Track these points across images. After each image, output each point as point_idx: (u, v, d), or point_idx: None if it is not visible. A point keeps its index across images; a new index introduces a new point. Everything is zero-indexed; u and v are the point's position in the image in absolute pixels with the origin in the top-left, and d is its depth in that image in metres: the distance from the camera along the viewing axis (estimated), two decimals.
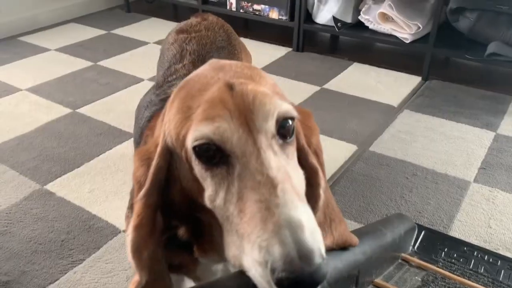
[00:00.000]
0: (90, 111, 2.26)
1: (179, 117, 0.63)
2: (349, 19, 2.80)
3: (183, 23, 1.44)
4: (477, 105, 2.30)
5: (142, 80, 2.58)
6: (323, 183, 0.71)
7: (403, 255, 1.23)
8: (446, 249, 1.35)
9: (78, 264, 1.38)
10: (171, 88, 1.11)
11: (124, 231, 1.50)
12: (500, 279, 1.28)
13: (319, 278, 0.51)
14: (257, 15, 3.03)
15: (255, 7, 3.01)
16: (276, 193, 0.55)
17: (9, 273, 1.35)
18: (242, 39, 1.47)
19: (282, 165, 0.59)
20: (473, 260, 1.34)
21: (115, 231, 1.50)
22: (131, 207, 0.85)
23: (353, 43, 3.18)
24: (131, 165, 1.80)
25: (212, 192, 0.60)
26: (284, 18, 2.92)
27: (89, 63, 2.79)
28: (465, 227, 1.52)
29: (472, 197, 1.65)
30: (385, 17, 2.64)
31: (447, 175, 1.77)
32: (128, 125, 2.11)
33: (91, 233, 1.50)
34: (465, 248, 1.38)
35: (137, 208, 0.65)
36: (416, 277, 1.16)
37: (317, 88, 2.49)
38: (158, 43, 3.06)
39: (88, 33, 3.28)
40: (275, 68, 2.72)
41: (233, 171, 0.58)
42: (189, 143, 0.60)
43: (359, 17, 2.75)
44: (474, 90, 2.46)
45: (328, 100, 2.37)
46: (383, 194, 1.67)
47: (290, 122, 0.63)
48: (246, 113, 0.59)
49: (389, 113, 2.24)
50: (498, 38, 2.41)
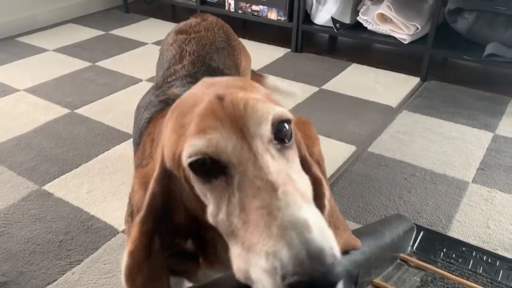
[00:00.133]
0: (88, 111, 2.25)
1: (173, 138, 0.62)
2: (347, 20, 2.80)
3: (182, 24, 1.43)
4: (475, 106, 2.31)
5: (140, 80, 2.57)
6: (327, 193, 0.70)
7: (402, 255, 1.23)
8: (444, 250, 1.35)
9: (77, 265, 1.37)
10: (170, 89, 1.10)
11: (123, 231, 1.49)
12: (499, 279, 1.28)
13: (333, 279, 0.48)
14: (255, 15, 3.03)
15: (254, 7, 3.01)
16: (277, 196, 0.53)
17: (6, 274, 1.34)
18: (240, 40, 1.47)
19: (282, 168, 0.57)
20: (471, 261, 1.34)
21: (113, 232, 1.50)
22: (131, 215, 0.84)
23: (351, 44, 3.18)
24: (129, 166, 1.81)
25: (214, 207, 0.58)
26: (282, 18, 2.92)
27: (87, 64, 2.78)
28: (464, 228, 1.52)
29: (470, 197, 1.65)
30: (383, 18, 2.64)
31: (446, 176, 1.77)
32: (126, 125, 2.11)
33: (90, 233, 1.49)
34: (463, 249, 1.38)
35: (132, 233, 0.64)
36: (415, 277, 1.16)
37: (315, 89, 2.49)
38: (157, 43, 3.06)
39: (87, 33, 3.27)
40: (273, 69, 2.72)
41: (232, 181, 0.56)
42: (185, 160, 0.58)
43: (358, 18, 2.76)
44: (472, 91, 2.46)
45: (327, 101, 2.37)
46: (381, 195, 1.67)
47: (286, 126, 0.61)
48: (238, 121, 0.58)
49: (387, 113, 2.24)
50: (496, 39, 2.42)
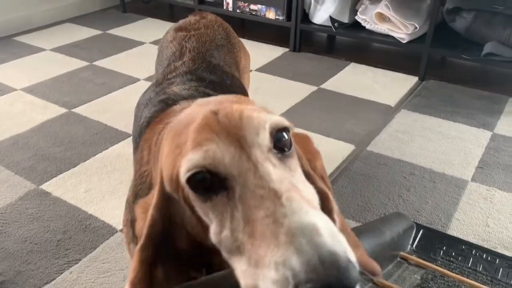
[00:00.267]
0: (86, 111, 2.24)
1: (170, 159, 0.60)
2: (346, 19, 2.80)
3: (181, 21, 1.43)
4: (473, 105, 2.31)
5: (138, 80, 2.56)
6: (336, 207, 0.68)
7: (402, 253, 1.23)
8: (444, 248, 1.35)
9: (75, 264, 1.36)
10: (170, 87, 1.10)
11: (121, 230, 1.49)
12: (499, 277, 1.28)
13: (350, 283, 0.45)
14: (253, 15, 3.03)
15: (252, 7, 3.01)
16: (281, 203, 0.50)
17: (4, 273, 1.33)
18: None
19: (284, 177, 0.55)
20: (471, 259, 1.33)
21: (111, 231, 1.49)
22: (132, 225, 0.83)
23: (350, 43, 3.18)
24: (128, 165, 1.80)
25: (216, 225, 0.55)
26: (280, 18, 2.92)
27: (84, 63, 2.77)
28: (463, 226, 1.51)
29: (470, 196, 1.65)
30: (382, 17, 2.64)
31: (445, 174, 1.77)
32: (124, 124, 2.10)
33: (88, 232, 1.48)
34: (463, 247, 1.37)
35: (133, 262, 0.62)
36: (415, 275, 1.15)
37: (314, 88, 2.48)
38: (155, 43, 3.05)
39: (84, 33, 3.26)
40: (271, 68, 2.72)
41: (234, 194, 0.54)
42: (182, 177, 0.56)
43: (356, 17, 2.75)
44: (471, 90, 2.46)
45: (326, 100, 2.36)
46: (381, 193, 1.66)
47: (285, 135, 0.60)
48: (234, 132, 0.56)
49: (386, 113, 2.24)
50: (495, 38, 2.42)
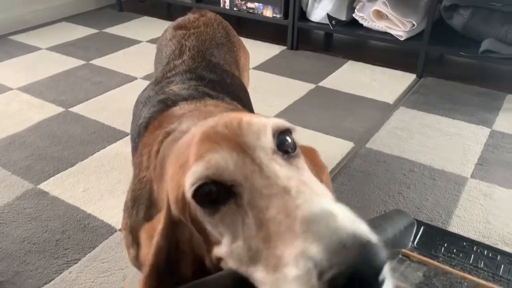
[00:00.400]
0: (83, 110, 2.23)
1: (175, 181, 0.59)
2: (343, 17, 2.80)
3: (180, 19, 1.42)
4: (472, 101, 2.31)
5: (135, 78, 2.55)
6: None
7: (403, 250, 1.22)
8: (445, 245, 1.34)
9: (74, 264, 1.35)
10: (169, 86, 1.08)
11: (120, 230, 1.47)
12: (500, 273, 1.27)
13: (379, 263, 0.41)
14: (250, 13, 3.02)
15: (249, 5, 3.00)
16: (291, 197, 0.49)
17: (2, 273, 1.32)
18: None
19: (293, 175, 0.53)
20: (472, 255, 1.33)
21: (110, 230, 1.48)
22: (131, 230, 0.82)
23: (347, 41, 3.18)
24: (126, 164, 1.79)
25: (228, 238, 0.53)
26: (278, 16, 2.91)
27: (81, 62, 2.75)
28: (464, 223, 1.51)
29: (470, 192, 1.65)
30: (379, 15, 2.63)
31: (445, 171, 1.76)
32: (121, 123, 2.08)
33: (86, 232, 1.47)
34: (464, 243, 1.37)
35: None
36: (418, 272, 1.15)
37: (312, 86, 2.48)
38: (151, 41, 3.03)
39: (80, 32, 3.24)
40: (269, 66, 2.71)
41: (242, 201, 0.52)
42: (188, 193, 0.54)
43: (354, 15, 2.75)
44: (468, 87, 2.46)
45: (324, 98, 2.36)
46: (380, 191, 1.66)
47: (288, 138, 0.59)
48: (235, 139, 0.55)
49: (384, 110, 2.24)
50: (492, 35, 2.42)
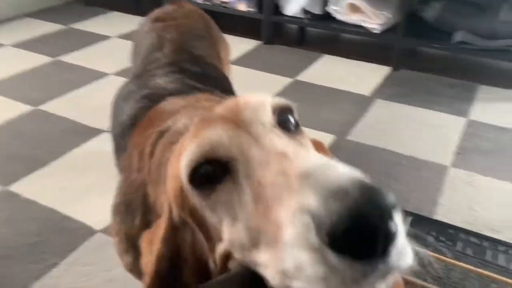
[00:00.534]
0: (54, 107, 2.13)
1: (174, 175, 0.55)
2: (317, 10, 2.78)
3: (158, 11, 1.37)
4: (447, 93, 2.34)
5: (106, 75, 2.46)
6: None
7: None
8: (434, 233, 1.35)
9: (52, 268, 1.28)
10: (153, 79, 1.05)
11: (101, 231, 1.40)
12: (487, 259, 1.29)
13: (386, 202, 0.36)
14: (224, 7, 2.96)
15: None
16: (289, 158, 0.44)
17: None
18: None
19: (295, 148, 0.48)
20: (460, 243, 1.34)
21: (90, 232, 1.41)
22: (126, 237, 0.78)
23: (322, 34, 3.17)
24: (102, 162, 1.72)
25: (228, 223, 0.49)
26: (252, 10, 2.87)
27: (49, 59, 2.63)
28: (449, 211, 1.52)
29: (452, 181, 1.66)
30: (353, 8, 2.63)
31: (426, 162, 1.77)
32: (95, 121, 2.00)
33: (65, 234, 1.40)
34: (451, 231, 1.38)
35: None
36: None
37: (289, 80, 2.46)
38: (122, 37, 2.94)
39: (46, 28, 3.11)
40: (245, 61, 2.67)
41: (238, 175, 0.48)
42: (184, 179, 0.51)
43: (328, 8, 2.74)
44: (442, 78, 2.49)
45: (301, 92, 2.34)
46: None
47: (290, 118, 0.55)
48: (232, 117, 0.52)
49: (362, 103, 2.24)
50: (464, 27, 2.46)
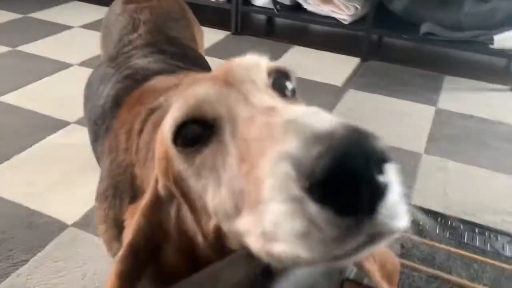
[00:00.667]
0: (15, 99, 2.01)
1: (159, 143, 0.51)
2: (287, 1, 2.77)
3: None
4: (415, 82, 2.38)
5: (70, 65, 2.36)
6: None
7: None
8: (412, 218, 1.37)
9: (21, 266, 1.20)
10: (131, 60, 1.02)
11: (72, 225, 1.33)
12: (465, 241, 1.32)
13: (376, 147, 0.33)
14: None
15: None
16: (276, 112, 0.40)
17: None
18: None
19: (285, 103, 0.45)
20: (438, 226, 1.36)
21: (61, 226, 1.33)
22: (115, 223, 0.75)
23: (291, 25, 3.16)
24: (72, 154, 1.64)
25: (212, 189, 0.45)
26: (220, 0, 2.82)
27: (6, 49, 2.49)
28: (424, 196, 1.54)
29: (425, 168, 1.69)
30: None
31: (399, 149, 1.79)
32: (60, 112, 1.91)
33: (33, 230, 1.32)
34: (429, 216, 1.40)
35: (110, 275, 0.52)
36: (396, 245, 1.15)
37: None
38: (85, 27, 2.83)
39: (3, 17, 2.93)
40: (214, 52, 2.61)
41: (224, 135, 0.44)
42: (168, 140, 0.47)
43: None
44: (410, 69, 2.54)
45: None
46: None
47: (288, 84, 0.52)
48: (224, 77, 0.49)
49: (334, 93, 2.24)
50: (430, 19, 2.51)
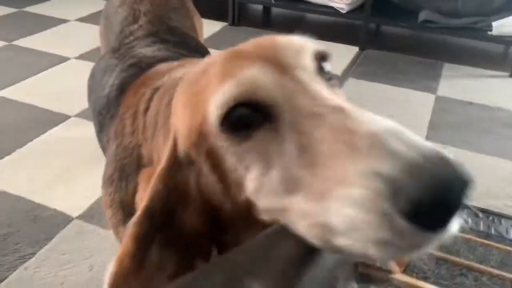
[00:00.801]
0: (13, 94, 2.00)
1: (188, 110, 0.51)
2: None
3: None
4: (414, 70, 2.38)
5: (68, 59, 2.34)
6: None
7: None
8: None
9: (29, 259, 1.20)
10: (135, 50, 1.01)
11: (77, 217, 1.33)
12: (470, 226, 1.33)
13: (468, 177, 0.36)
14: None
15: None
16: (349, 115, 0.41)
17: None
18: None
19: (347, 103, 0.45)
20: None
21: (66, 219, 1.33)
22: (121, 206, 0.73)
23: (289, 15, 3.14)
24: (73, 148, 1.63)
25: (259, 169, 0.45)
26: None
27: (3, 43, 2.47)
28: None
29: None
30: None
31: None
32: (60, 106, 1.90)
33: (38, 223, 1.31)
34: None
35: (124, 238, 0.52)
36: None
37: None
38: (81, 20, 2.81)
39: None
40: (212, 43, 2.60)
41: (281, 124, 0.44)
42: (213, 120, 0.46)
43: None
44: (409, 57, 2.54)
45: None
46: None
47: (328, 67, 0.53)
48: (271, 57, 0.48)
49: None
50: (428, 6, 2.51)
